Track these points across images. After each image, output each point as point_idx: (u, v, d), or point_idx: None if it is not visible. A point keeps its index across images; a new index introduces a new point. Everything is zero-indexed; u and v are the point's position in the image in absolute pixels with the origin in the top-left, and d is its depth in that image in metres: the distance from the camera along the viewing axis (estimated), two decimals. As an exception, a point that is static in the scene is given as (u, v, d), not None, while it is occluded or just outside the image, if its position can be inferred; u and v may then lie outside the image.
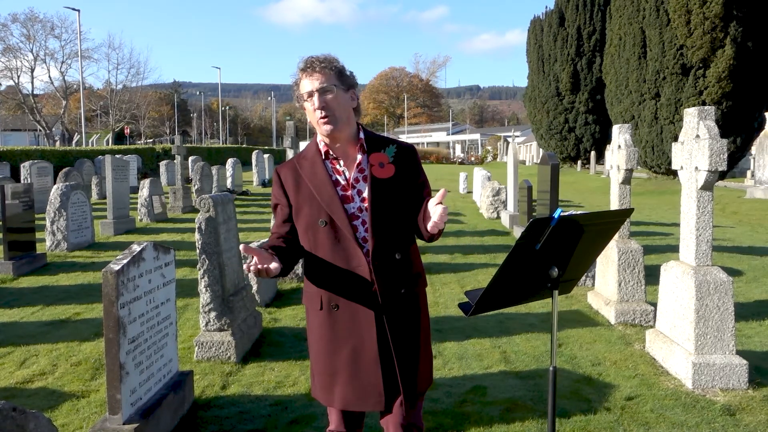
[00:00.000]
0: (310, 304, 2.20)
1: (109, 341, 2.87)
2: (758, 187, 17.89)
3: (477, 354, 4.59)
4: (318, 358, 2.19)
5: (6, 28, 48.00)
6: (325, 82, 2.05)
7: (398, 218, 2.12)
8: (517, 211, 11.83)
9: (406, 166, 2.16)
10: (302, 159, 2.19)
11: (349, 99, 2.12)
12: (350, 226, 2.08)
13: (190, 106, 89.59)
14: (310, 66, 2.07)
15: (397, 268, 2.12)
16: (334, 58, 2.12)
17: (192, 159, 23.53)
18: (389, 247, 2.10)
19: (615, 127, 5.78)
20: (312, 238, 2.13)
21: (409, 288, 2.16)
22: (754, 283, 6.96)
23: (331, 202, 2.08)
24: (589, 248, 2.07)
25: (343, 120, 2.08)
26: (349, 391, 2.11)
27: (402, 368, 2.11)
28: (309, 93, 2.06)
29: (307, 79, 2.07)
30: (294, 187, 2.15)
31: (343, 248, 2.08)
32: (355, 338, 2.09)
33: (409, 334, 2.15)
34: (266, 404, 3.70)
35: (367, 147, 2.14)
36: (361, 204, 2.10)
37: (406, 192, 2.14)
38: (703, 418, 3.51)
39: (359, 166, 2.13)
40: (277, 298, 6.22)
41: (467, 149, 77.70)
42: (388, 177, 2.11)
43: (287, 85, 2.27)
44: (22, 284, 6.99)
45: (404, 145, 2.21)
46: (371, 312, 2.08)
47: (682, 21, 20.14)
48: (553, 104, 34.77)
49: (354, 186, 2.12)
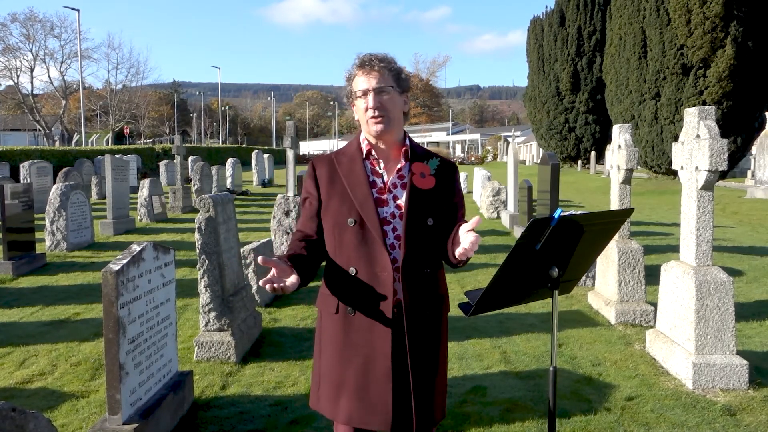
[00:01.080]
0: (324, 306, 2.12)
1: (109, 341, 2.86)
2: (759, 187, 17.88)
3: (477, 354, 4.59)
4: (327, 365, 2.09)
5: (5, 27, 47.92)
6: (382, 82, 2.01)
7: (431, 232, 2.04)
8: (517, 211, 11.83)
9: (446, 182, 2.11)
10: (341, 155, 2.13)
11: (402, 102, 2.09)
12: (380, 229, 1.99)
13: (189, 106, 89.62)
14: (369, 63, 2.02)
15: (424, 282, 2.04)
16: (392, 58, 2.08)
17: (192, 159, 23.54)
18: (419, 259, 2.02)
19: (615, 127, 5.78)
20: (337, 237, 2.05)
21: (435, 306, 2.09)
22: (755, 283, 6.95)
23: (364, 202, 2.01)
24: (589, 248, 2.06)
25: (395, 122, 2.05)
26: (354, 406, 2.00)
27: (417, 389, 2.00)
28: (364, 91, 2.01)
29: (364, 77, 2.02)
30: (328, 182, 2.08)
31: (368, 251, 2.00)
32: (368, 349, 1.99)
33: (430, 356, 2.06)
34: (266, 404, 3.70)
35: (411, 155, 2.10)
36: (395, 210, 2.03)
37: (442, 207, 2.08)
38: (703, 418, 3.51)
39: (399, 172, 2.07)
40: (277, 298, 6.22)
41: (467, 149, 77.70)
42: (427, 188, 2.05)
43: (287, 84, 2.29)
44: (22, 284, 6.98)
45: (447, 161, 2.16)
46: (389, 323, 1.98)
47: (682, 21, 20.13)
48: (553, 104, 34.76)
49: (391, 191, 2.05)
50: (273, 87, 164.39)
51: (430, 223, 2.03)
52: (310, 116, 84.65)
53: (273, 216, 8.01)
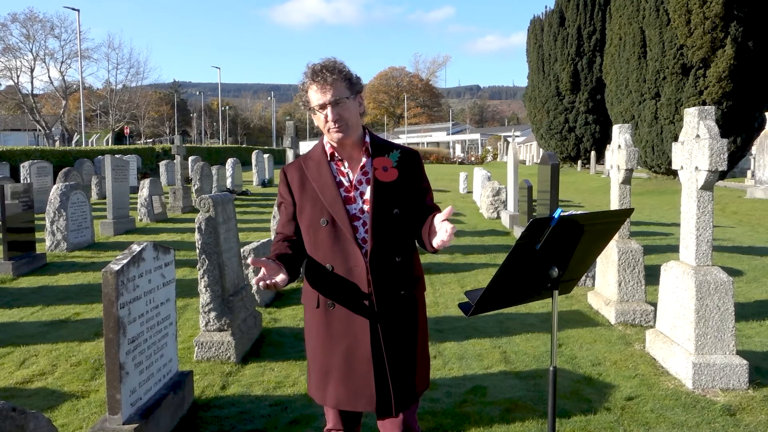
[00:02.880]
0: (307, 302, 2.25)
1: (109, 341, 2.87)
2: (758, 187, 17.88)
3: (477, 354, 4.59)
4: (313, 356, 2.23)
5: (6, 27, 47.90)
6: (337, 94, 2.07)
7: (399, 222, 2.15)
8: (517, 211, 11.83)
9: (409, 171, 2.20)
10: (308, 159, 2.23)
11: (358, 105, 2.16)
12: (351, 226, 2.11)
13: (189, 106, 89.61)
14: (321, 77, 2.06)
15: (395, 270, 2.14)
16: (341, 64, 2.13)
17: (192, 159, 23.52)
18: (388, 249, 2.13)
19: (615, 127, 5.78)
20: (313, 237, 2.17)
21: (408, 291, 2.19)
22: (755, 283, 6.95)
23: (333, 203, 2.12)
24: (589, 248, 2.07)
25: (353, 128, 2.13)
26: (341, 390, 2.14)
27: (393, 371, 2.13)
28: (321, 105, 2.08)
29: (319, 92, 2.07)
30: (299, 187, 2.19)
31: (342, 248, 2.11)
32: (349, 338, 2.12)
33: (405, 337, 2.17)
34: (266, 404, 3.70)
35: (372, 151, 2.19)
36: (363, 206, 2.14)
37: (408, 196, 2.18)
38: (703, 418, 3.51)
39: (363, 168, 2.17)
40: (276, 298, 6.22)
41: (467, 149, 77.69)
42: (390, 181, 2.15)
43: (287, 84, 2.30)
44: (22, 284, 6.98)
45: (408, 151, 2.25)
46: (366, 312, 2.11)
47: (682, 21, 20.13)
48: (553, 104, 34.77)
49: (357, 188, 2.16)
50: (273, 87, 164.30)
51: (397, 213, 2.13)
52: (309, 116, 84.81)
53: (273, 216, 8.01)
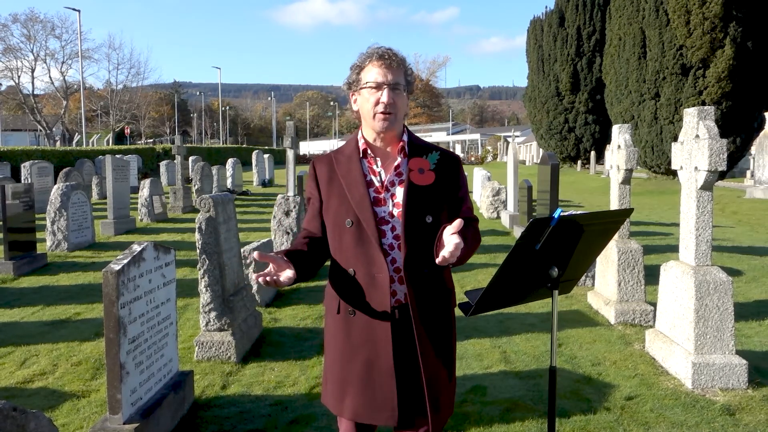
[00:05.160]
0: (328, 306, 2.12)
1: (110, 341, 2.87)
2: (758, 187, 17.89)
3: (477, 354, 4.60)
4: (332, 364, 2.10)
5: (6, 28, 48.14)
6: (398, 78, 1.98)
7: (430, 230, 1.97)
8: (517, 211, 11.83)
9: (447, 176, 2.05)
10: (339, 154, 2.10)
11: (407, 102, 2.06)
12: (377, 230, 1.96)
13: (190, 106, 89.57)
14: (388, 57, 1.97)
15: (422, 282, 2.00)
16: (404, 57, 2.04)
17: (192, 159, 23.54)
18: (416, 259, 1.97)
19: (615, 127, 5.79)
20: (337, 238, 2.04)
21: (442, 304, 2.06)
22: (754, 283, 6.96)
23: (360, 203, 1.98)
24: (589, 248, 2.07)
25: (399, 122, 2.02)
26: (359, 403, 2.01)
27: (430, 385, 2.00)
28: (379, 84, 1.96)
29: (380, 70, 1.96)
30: (327, 182, 2.06)
31: (365, 252, 1.97)
32: (369, 348, 1.99)
33: (440, 352, 2.07)
34: (266, 404, 3.71)
35: (409, 151, 2.05)
36: (393, 209, 1.99)
37: (443, 203, 2.02)
38: (702, 417, 3.52)
39: (398, 169, 2.03)
40: (277, 298, 6.23)
41: (467, 149, 77.63)
42: (426, 185, 2.00)
43: (287, 85, 2.30)
44: (23, 284, 6.99)
45: (448, 154, 2.10)
46: (388, 323, 1.97)
47: (681, 21, 20.13)
48: (553, 104, 34.76)
49: (388, 189, 2.01)
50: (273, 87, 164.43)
51: (429, 221, 1.98)
52: (310, 116, 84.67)
53: (273, 216, 8.01)
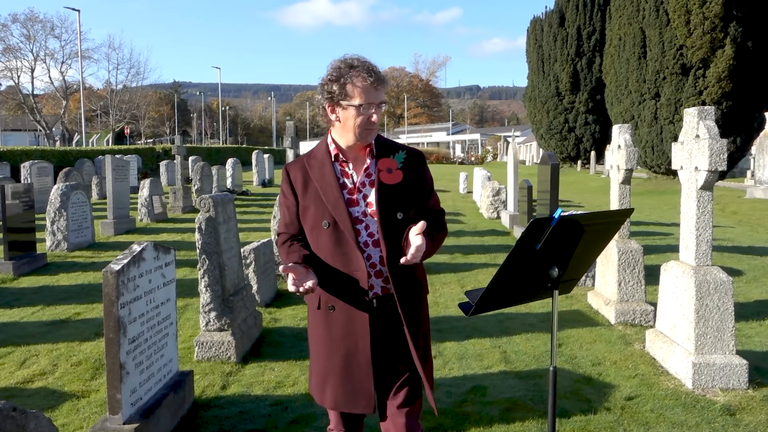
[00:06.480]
0: (309, 302, 2.23)
1: (110, 341, 2.87)
2: (758, 187, 17.89)
3: (477, 354, 4.59)
4: (315, 357, 2.23)
5: (6, 28, 47.88)
6: (384, 96, 2.10)
7: (402, 226, 2.10)
8: (517, 211, 11.83)
9: (414, 173, 2.17)
10: (311, 159, 2.19)
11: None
12: (353, 229, 2.08)
13: (190, 106, 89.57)
14: (378, 78, 2.06)
15: (403, 273, 2.12)
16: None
17: (192, 159, 23.53)
18: (397, 253, 2.08)
19: (615, 127, 5.79)
20: (315, 239, 2.15)
21: (417, 294, 2.18)
22: (754, 283, 6.96)
23: (336, 205, 2.09)
24: (589, 248, 2.07)
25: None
26: (339, 392, 2.14)
27: (422, 360, 2.14)
28: (377, 104, 2.07)
29: (374, 90, 2.05)
30: (302, 187, 2.16)
31: (343, 251, 2.09)
32: (349, 341, 2.11)
33: (423, 337, 2.19)
34: (266, 404, 3.71)
35: (377, 152, 2.16)
36: (366, 209, 2.11)
37: (412, 199, 2.15)
38: (703, 417, 3.52)
39: (367, 170, 2.14)
40: (277, 298, 6.23)
41: (467, 149, 77.63)
42: (395, 183, 2.12)
43: (287, 85, 2.31)
44: (23, 284, 6.99)
45: (413, 152, 2.22)
46: (366, 315, 2.09)
47: (681, 21, 20.14)
48: (553, 104, 34.77)
49: (360, 190, 2.12)
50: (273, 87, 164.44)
51: (400, 217, 2.10)
52: (310, 116, 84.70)
53: (273, 216, 8.01)
